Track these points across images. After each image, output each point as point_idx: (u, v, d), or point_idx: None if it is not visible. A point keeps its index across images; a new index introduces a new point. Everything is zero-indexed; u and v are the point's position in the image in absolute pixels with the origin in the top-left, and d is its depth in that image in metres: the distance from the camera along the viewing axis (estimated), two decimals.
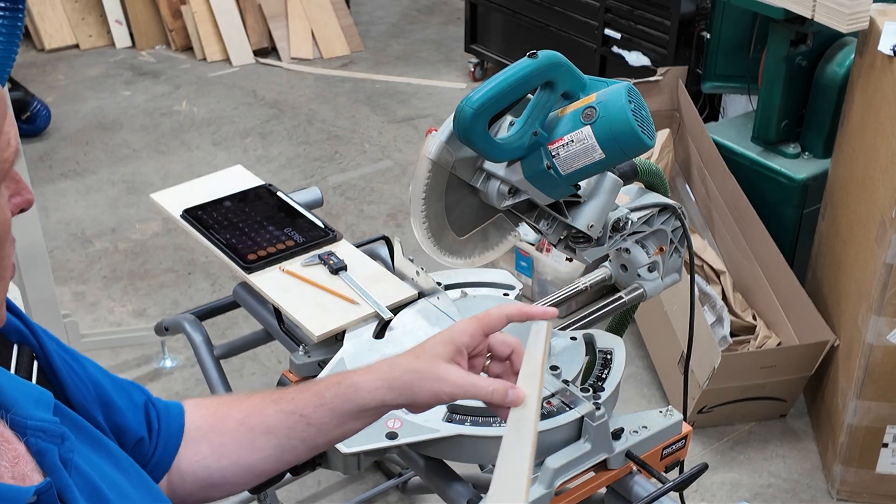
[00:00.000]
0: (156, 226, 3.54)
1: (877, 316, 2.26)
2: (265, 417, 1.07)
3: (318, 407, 1.04)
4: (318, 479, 2.46)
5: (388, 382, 1.02)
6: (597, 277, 1.64)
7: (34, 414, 0.86)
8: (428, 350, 1.03)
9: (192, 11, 4.90)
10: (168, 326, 1.89)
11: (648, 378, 2.84)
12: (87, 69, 4.82)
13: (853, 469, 2.45)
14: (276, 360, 2.86)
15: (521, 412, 0.99)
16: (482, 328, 1.04)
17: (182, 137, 4.20)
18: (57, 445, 0.85)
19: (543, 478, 1.23)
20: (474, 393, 1.00)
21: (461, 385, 1.00)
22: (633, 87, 1.28)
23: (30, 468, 0.83)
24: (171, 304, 3.15)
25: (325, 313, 1.51)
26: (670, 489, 1.28)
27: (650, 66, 3.58)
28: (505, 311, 1.05)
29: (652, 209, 1.53)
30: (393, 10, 5.61)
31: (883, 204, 2.22)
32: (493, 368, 1.07)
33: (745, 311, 2.82)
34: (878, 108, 2.30)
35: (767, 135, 2.87)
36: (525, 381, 1.01)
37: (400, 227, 3.53)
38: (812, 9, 2.46)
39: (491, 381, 1.00)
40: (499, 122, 1.30)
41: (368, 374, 1.04)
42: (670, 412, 1.35)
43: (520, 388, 0.99)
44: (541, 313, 1.06)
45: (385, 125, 4.32)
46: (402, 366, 1.03)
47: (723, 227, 2.92)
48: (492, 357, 1.06)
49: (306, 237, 1.69)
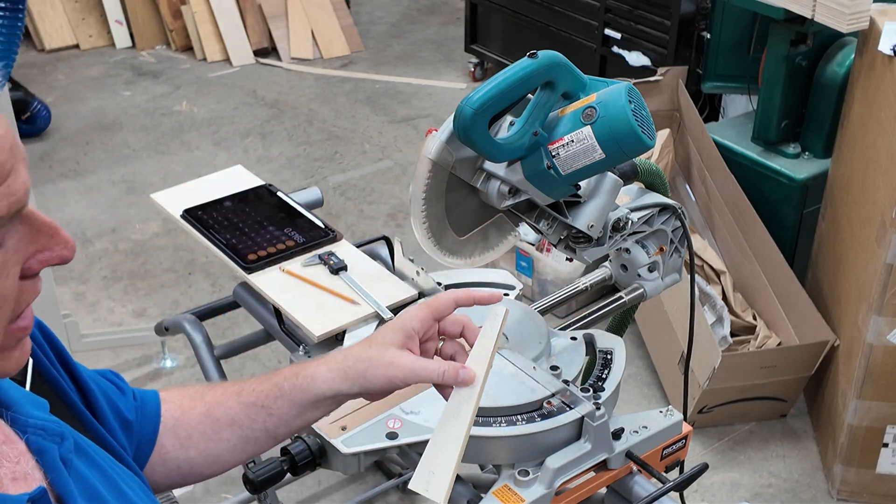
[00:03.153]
0: (156, 226, 3.54)
1: (877, 316, 2.26)
2: (228, 409, 1.10)
3: (277, 398, 1.08)
4: (318, 479, 2.46)
5: (342, 372, 1.05)
6: (597, 277, 1.64)
7: (34, 413, 0.87)
8: (380, 338, 1.06)
9: (192, 11, 4.90)
10: (168, 326, 1.89)
11: (648, 378, 2.84)
12: (88, 69, 4.82)
13: (853, 469, 2.45)
14: (276, 360, 2.86)
15: (465, 391, 1.03)
16: (432, 313, 1.07)
17: (182, 137, 4.20)
18: (57, 444, 0.85)
19: (543, 478, 1.23)
20: (426, 376, 1.03)
21: (412, 369, 1.03)
22: (633, 87, 1.28)
23: (30, 466, 0.83)
24: (171, 304, 3.15)
25: (325, 313, 1.51)
26: (670, 489, 1.28)
27: (650, 66, 3.58)
28: (452, 296, 1.08)
29: (652, 209, 1.53)
30: (393, 10, 5.61)
31: (883, 204, 2.22)
32: (446, 349, 1.10)
33: (745, 311, 2.82)
34: (878, 108, 2.30)
35: (767, 135, 2.87)
36: (474, 362, 1.05)
37: (400, 227, 3.53)
38: (812, 9, 2.46)
39: (441, 363, 1.03)
40: (499, 122, 1.30)
41: (324, 365, 1.07)
42: (670, 412, 1.35)
43: (471, 368, 1.03)
44: (487, 297, 1.09)
45: (385, 125, 4.32)
46: (355, 355, 1.06)
47: (723, 227, 2.92)
48: (445, 338, 1.10)
49: (306, 237, 1.69)
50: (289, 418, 1.09)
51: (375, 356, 1.04)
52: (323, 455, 1.27)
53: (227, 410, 1.10)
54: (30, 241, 0.77)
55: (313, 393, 1.07)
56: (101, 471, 0.91)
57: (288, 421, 1.09)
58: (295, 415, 1.08)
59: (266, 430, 1.10)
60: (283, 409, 1.08)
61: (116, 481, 0.91)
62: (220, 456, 1.12)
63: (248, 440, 1.10)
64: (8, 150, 0.72)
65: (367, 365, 1.04)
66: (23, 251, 0.77)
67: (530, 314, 1.48)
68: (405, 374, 1.03)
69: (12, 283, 0.76)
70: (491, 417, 1.28)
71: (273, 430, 1.10)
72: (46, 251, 0.78)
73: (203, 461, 1.12)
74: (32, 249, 0.77)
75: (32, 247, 0.77)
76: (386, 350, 1.04)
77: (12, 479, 0.81)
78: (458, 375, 1.02)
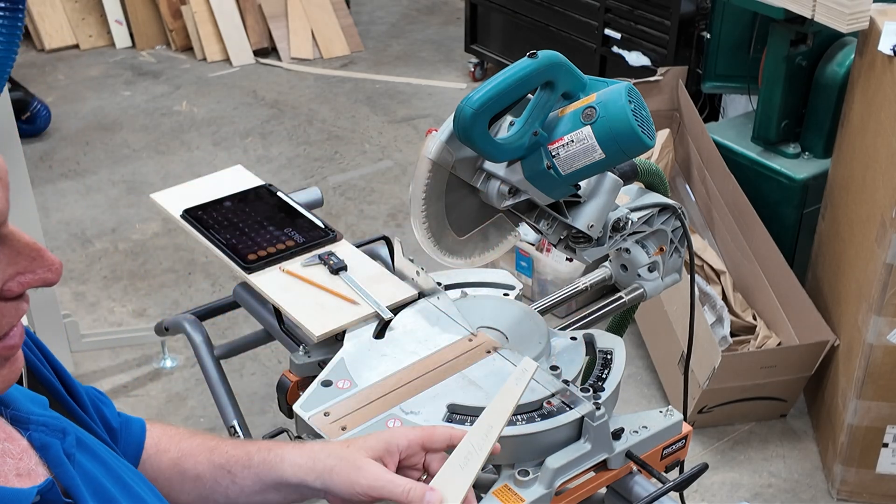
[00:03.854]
0: (156, 226, 3.54)
1: (877, 316, 2.26)
2: (197, 464, 1.08)
3: (245, 468, 1.05)
4: None
5: (312, 462, 1.02)
6: (597, 277, 1.64)
7: (34, 409, 0.87)
8: (360, 442, 1.03)
9: (192, 11, 4.90)
10: (168, 326, 1.89)
11: (648, 378, 2.84)
12: (87, 69, 4.82)
13: (853, 469, 2.45)
14: (276, 360, 2.86)
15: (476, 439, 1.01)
16: (422, 441, 1.03)
17: (182, 137, 4.20)
18: (59, 440, 0.85)
19: (543, 478, 1.23)
20: (389, 490, 0.98)
21: (376, 481, 0.98)
22: (633, 87, 1.28)
23: (34, 462, 0.83)
24: (171, 304, 3.15)
25: (325, 313, 1.51)
26: (670, 489, 1.28)
27: (650, 66, 3.59)
28: (449, 434, 1.04)
29: (652, 209, 1.53)
30: (393, 10, 5.61)
31: (883, 204, 2.22)
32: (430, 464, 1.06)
33: (745, 311, 2.82)
34: (878, 108, 2.30)
35: (767, 135, 2.87)
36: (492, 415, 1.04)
37: (400, 227, 3.53)
38: (812, 9, 2.46)
39: (409, 482, 0.98)
40: (499, 122, 1.30)
41: (297, 450, 1.04)
42: (670, 412, 1.35)
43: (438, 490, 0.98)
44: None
45: (385, 125, 4.32)
46: (329, 450, 1.03)
47: (723, 227, 2.92)
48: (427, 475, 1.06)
49: (306, 237, 1.69)
50: (250, 492, 1.06)
51: (347, 457, 1.01)
52: None
53: (196, 465, 1.08)
54: (9, 262, 0.75)
55: (278, 474, 1.03)
56: (105, 464, 0.91)
57: (249, 494, 1.06)
58: (256, 490, 1.05)
59: (227, 497, 1.07)
60: (246, 480, 1.05)
61: (120, 475, 0.92)
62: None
63: (206, 500, 1.08)
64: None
65: (336, 462, 1.01)
66: (1, 272, 0.74)
67: (530, 314, 1.48)
68: (369, 483, 0.98)
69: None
70: None
71: (233, 499, 1.07)
72: (28, 273, 0.76)
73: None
74: (12, 271, 0.75)
75: (12, 268, 0.75)
76: (359, 455, 1.01)
77: (17, 475, 0.81)
78: (424, 498, 0.97)
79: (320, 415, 1.25)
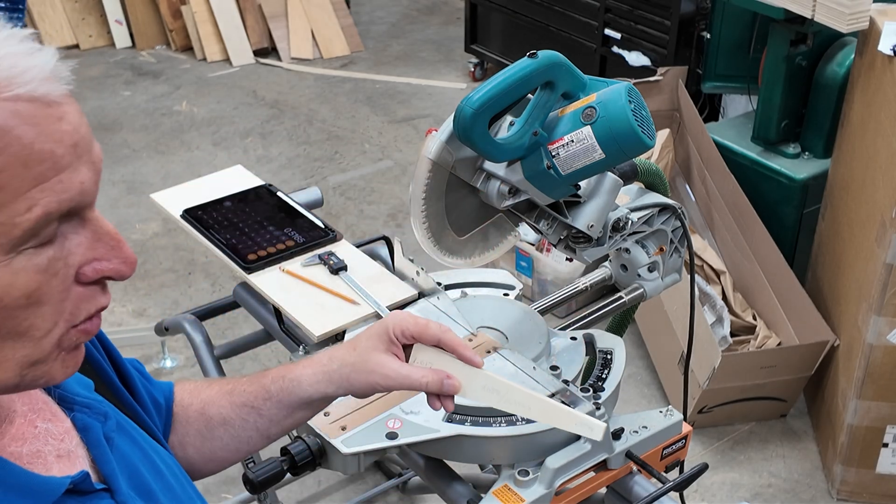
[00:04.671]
0: (156, 226, 3.54)
1: (877, 316, 2.26)
2: (220, 408, 1.11)
3: (265, 400, 1.08)
4: (318, 479, 2.46)
5: (327, 376, 1.05)
6: (597, 277, 1.64)
7: (80, 391, 0.89)
8: (364, 342, 1.06)
9: (192, 11, 4.90)
10: (168, 326, 1.89)
11: (648, 378, 2.84)
12: (87, 69, 4.82)
13: (853, 469, 2.45)
14: (276, 360, 2.86)
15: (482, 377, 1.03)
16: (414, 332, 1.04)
17: (182, 137, 4.20)
18: (101, 423, 0.88)
19: (543, 478, 1.23)
20: (409, 384, 1.02)
21: (394, 377, 1.03)
22: (633, 87, 1.28)
23: (74, 444, 0.85)
24: (171, 304, 3.15)
25: (325, 313, 1.51)
26: (670, 489, 1.28)
27: (650, 66, 3.58)
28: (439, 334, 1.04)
29: (652, 209, 1.53)
30: (393, 10, 5.61)
31: (883, 204, 2.22)
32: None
33: (745, 311, 2.82)
34: (878, 108, 2.30)
35: (767, 135, 2.87)
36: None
37: (400, 227, 3.53)
38: (812, 9, 2.46)
39: (426, 372, 1.02)
40: (499, 122, 1.30)
41: (309, 368, 1.07)
42: (670, 412, 1.35)
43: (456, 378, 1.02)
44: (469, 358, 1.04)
45: (385, 125, 4.32)
46: (340, 358, 1.06)
47: (723, 227, 2.92)
48: None
49: (306, 237, 1.69)
50: (279, 419, 1.09)
51: (359, 361, 1.04)
52: (323, 455, 1.27)
53: (220, 410, 1.11)
54: (88, 246, 0.75)
55: (300, 396, 1.07)
56: (141, 450, 0.93)
57: (279, 421, 1.09)
58: (284, 415, 1.09)
59: (258, 430, 1.10)
60: (272, 410, 1.08)
61: (154, 460, 0.94)
62: (214, 454, 1.12)
63: (240, 440, 1.11)
64: (69, 146, 0.72)
65: (350, 370, 1.04)
66: (79, 255, 0.75)
67: (530, 314, 1.48)
68: (387, 382, 1.03)
69: (61, 283, 0.74)
70: (491, 417, 1.28)
71: (265, 431, 1.10)
72: (104, 261, 0.76)
73: (199, 459, 1.13)
74: (90, 256, 0.76)
75: (90, 253, 0.75)
76: (369, 355, 1.04)
77: (56, 456, 0.82)
78: (443, 385, 1.01)
79: (320, 415, 1.25)
